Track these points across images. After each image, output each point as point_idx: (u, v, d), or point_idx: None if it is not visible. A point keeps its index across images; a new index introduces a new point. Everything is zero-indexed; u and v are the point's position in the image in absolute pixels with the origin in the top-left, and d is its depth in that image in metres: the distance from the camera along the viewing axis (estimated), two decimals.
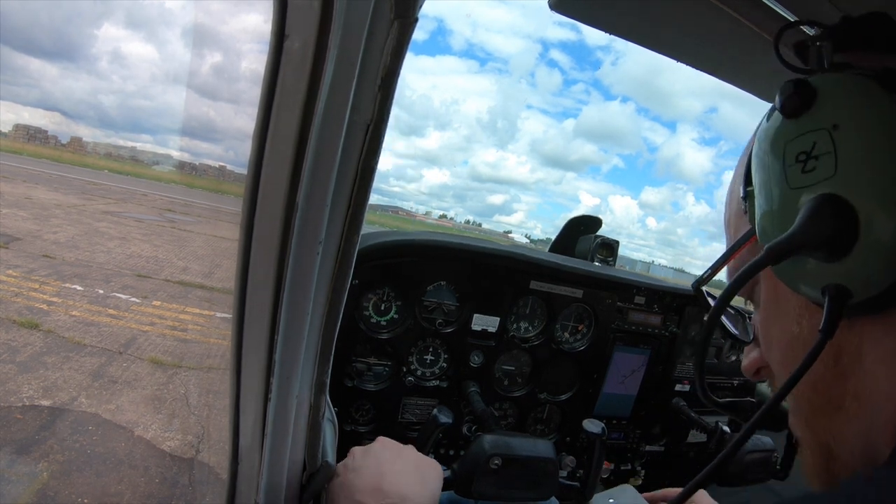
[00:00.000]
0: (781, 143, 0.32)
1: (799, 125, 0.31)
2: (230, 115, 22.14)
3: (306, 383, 0.69)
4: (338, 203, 0.59)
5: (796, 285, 0.34)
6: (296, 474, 0.75)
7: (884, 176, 0.28)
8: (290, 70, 0.51)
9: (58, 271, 5.95)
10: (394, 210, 76.36)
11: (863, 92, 0.30)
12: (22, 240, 7.15)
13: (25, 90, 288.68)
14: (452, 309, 1.21)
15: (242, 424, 0.71)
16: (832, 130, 0.30)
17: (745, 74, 0.74)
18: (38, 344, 3.94)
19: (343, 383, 1.15)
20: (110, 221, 10.67)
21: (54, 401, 3.21)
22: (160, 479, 2.72)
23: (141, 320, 4.89)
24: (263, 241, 0.58)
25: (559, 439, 1.38)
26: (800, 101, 0.31)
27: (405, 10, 0.50)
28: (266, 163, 0.55)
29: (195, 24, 15.07)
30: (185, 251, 8.98)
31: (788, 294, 0.36)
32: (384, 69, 0.53)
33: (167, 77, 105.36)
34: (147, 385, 3.64)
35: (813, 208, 0.30)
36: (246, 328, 0.64)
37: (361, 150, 0.57)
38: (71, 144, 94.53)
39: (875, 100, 0.29)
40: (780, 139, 0.32)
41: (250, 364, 0.66)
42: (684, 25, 0.64)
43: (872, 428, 0.30)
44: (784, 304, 0.38)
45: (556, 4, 0.61)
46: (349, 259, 0.62)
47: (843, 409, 0.35)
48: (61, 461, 2.67)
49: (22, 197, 11.87)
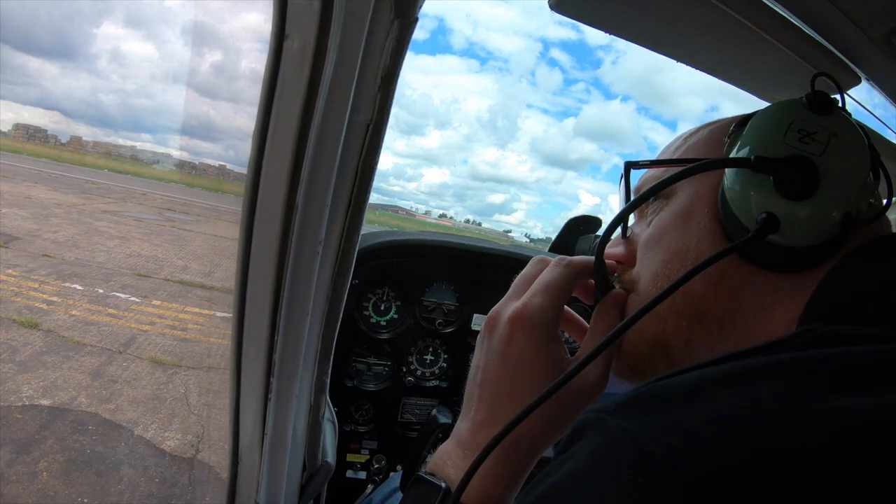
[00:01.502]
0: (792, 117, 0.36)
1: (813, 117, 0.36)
2: (230, 115, 21.94)
3: (306, 383, 0.69)
4: (338, 202, 0.59)
5: (739, 198, 0.36)
6: (296, 474, 0.75)
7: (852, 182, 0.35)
8: (290, 70, 0.51)
9: (57, 270, 5.94)
10: (394, 209, 76.28)
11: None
12: (21, 239, 7.15)
13: (25, 89, 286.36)
14: (452, 309, 1.21)
15: (242, 424, 0.71)
16: (833, 136, 0.35)
17: (745, 74, 0.74)
18: (38, 343, 3.94)
19: (343, 383, 1.15)
20: (110, 221, 10.66)
21: (54, 400, 3.21)
22: (160, 478, 2.71)
23: (141, 319, 4.88)
24: (263, 240, 0.58)
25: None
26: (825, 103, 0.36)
27: (405, 9, 0.50)
28: (266, 162, 0.55)
29: (195, 23, 15.09)
30: (184, 250, 8.98)
31: (702, 213, 0.40)
32: (384, 69, 0.53)
33: (167, 76, 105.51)
34: (147, 384, 3.63)
35: (794, 156, 0.34)
36: (246, 328, 0.64)
37: (361, 149, 0.57)
38: (71, 143, 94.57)
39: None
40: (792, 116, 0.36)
41: (250, 364, 0.66)
42: (684, 25, 0.64)
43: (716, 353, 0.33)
44: (695, 219, 0.41)
45: (556, 4, 0.61)
46: (349, 259, 0.62)
47: (703, 324, 0.40)
48: (61, 461, 2.67)
49: (22, 196, 11.87)
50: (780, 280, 0.37)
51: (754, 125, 0.37)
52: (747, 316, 0.38)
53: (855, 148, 0.35)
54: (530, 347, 0.43)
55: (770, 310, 0.37)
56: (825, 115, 0.35)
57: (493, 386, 0.44)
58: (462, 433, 0.45)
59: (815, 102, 0.36)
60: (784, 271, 0.37)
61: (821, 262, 0.36)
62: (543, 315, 0.43)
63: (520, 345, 0.43)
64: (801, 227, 0.35)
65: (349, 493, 1.18)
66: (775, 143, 0.35)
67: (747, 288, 0.38)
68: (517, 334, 0.43)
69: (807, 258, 0.37)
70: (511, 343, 0.43)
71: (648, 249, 0.44)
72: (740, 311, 0.38)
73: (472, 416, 0.45)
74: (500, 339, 0.44)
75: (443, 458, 0.45)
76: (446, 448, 0.46)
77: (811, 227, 0.35)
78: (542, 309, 0.43)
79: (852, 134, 0.35)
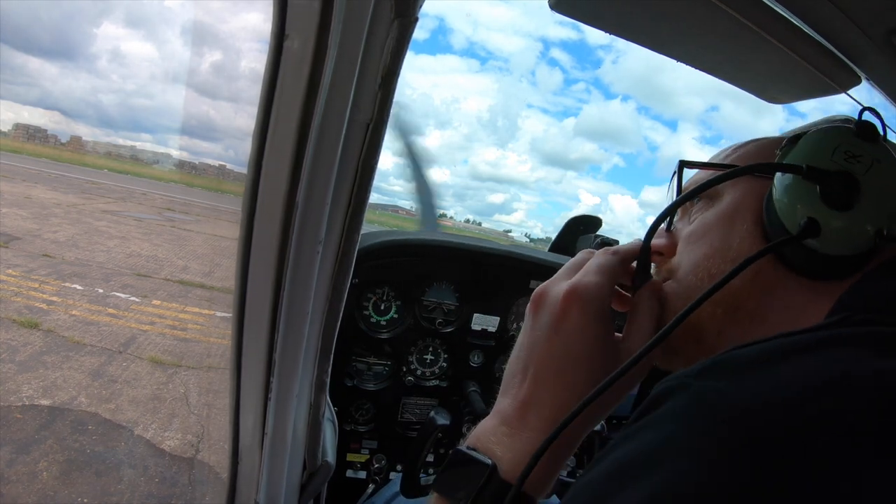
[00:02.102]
0: (841, 140, 0.40)
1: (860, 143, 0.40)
2: (230, 114, 21.90)
3: (306, 383, 0.69)
4: (338, 202, 0.59)
5: (787, 203, 0.40)
6: (296, 474, 0.75)
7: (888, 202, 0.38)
8: (290, 70, 0.51)
9: (57, 270, 5.94)
10: (393, 209, 76.08)
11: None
12: (21, 239, 7.15)
13: (25, 89, 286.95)
14: (452, 308, 1.21)
15: (242, 424, 0.71)
16: (876, 161, 0.39)
17: (745, 74, 0.74)
18: (38, 343, 3.94)
19: (343, 383, 1.15)
20: (110, 220, 10.66)
21: (54, 400, 3.21)
22: (160, 478, 2.71)
23: (141, 319, 4.88)
24: (263, 240, 0.58)
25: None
26: (871, 132, 0.40)
27: (405, 9, 0.50)
28: (266, 162, 0.55)
29: (195, 23, 15.06)
30: (184, 250, 8.97)
31: (746, 216, 0.44)
32: (384, 69, 0.53)
33: (167, 76, 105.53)
34: (147, 384, 3.63)
35: (841, 171, 0.38)
36: (246, 328, 0.64)
37: (361, 149, 0.57)
38: (70, 143, 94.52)
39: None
40: (842, 139, 0.40)
41: (250, 364, 0.66)
42: (684, 25, 0.64)
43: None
44: (738, 221, 0.44)
45: (556, 4, 0.61)
46: (349, 258, 0.62)
47: (736, 315, 0.43)
48: (61, 461, 2.67)
49: (21, 196, 11.86)
50: (811, 286, 0.40)
51: (807, 141, 0.41)
52: (777, 315, 0.41)
53: (893, 174, 0.38)
54: (584, 322, 0.44)
55: (798, 311, 0.40)
56: (870, 143, 0.39)
57: (542, 362, 0.45)
58: (507, 410, 0.45)
59: (862, 130, 0.40)
60: (816, 278, 0.40)
61: (851, 273, 0.40)
62: (600, 290, 0.45)
63: (574, 320, 0.44)
64: (837, 234, 0.38)
65: (349, 493, 1.18)
66: (824, 159, 0.39)
67: (780, 288, 0.41)
68: (572, 309, 0.44)
69: (838, 267, 0.40)
70: (565, 318, 0.44)
71: (691, 243, 0.47)
72: (771, 310, 0.41)
73: (517, 392, 0.45)
74: (552, 314, 0.44)
75: (486, 434, 0.45)
76: (488, 424, 0.46)
77: (847, 237, 0.38)
78: (598, 286, 0.45)
79: (892, 161, 0.39)
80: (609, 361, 0.44)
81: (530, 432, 0.43)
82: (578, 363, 0.43)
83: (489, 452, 0.43)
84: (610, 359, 0.44)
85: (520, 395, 0.45)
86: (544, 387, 0.44)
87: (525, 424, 0.43)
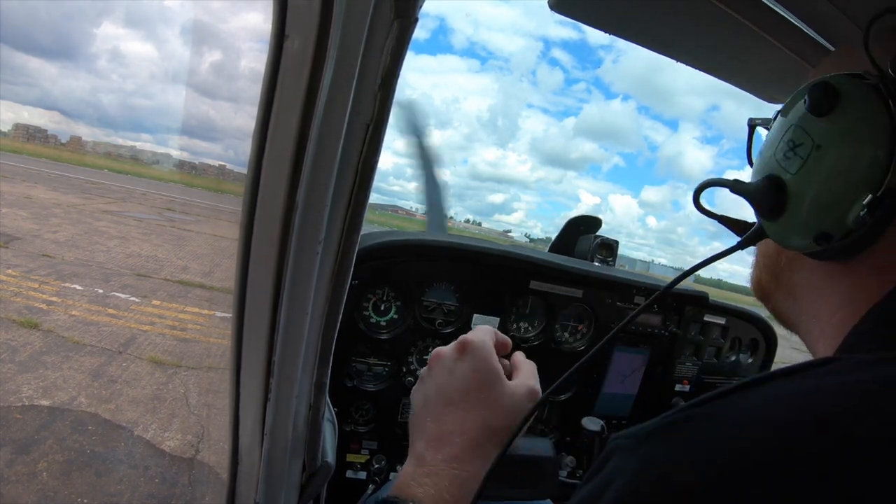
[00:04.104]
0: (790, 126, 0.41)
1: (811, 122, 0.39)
2: (230, 114, 21.83)
3: (306, 383, 0.69)
4: (338, 202, 0.59)
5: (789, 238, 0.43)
6: (295, 475, 0.75)
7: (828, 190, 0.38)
8: (290, 70, 0.51)
9: (57, 270, 5.94)
10: (393, 209, 76.19)
11: None
12: (21, 239, 7.15)
13: (25, 89, 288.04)
14: (452, 309, 1.21)
15: (242, 424, 0.71)
16: (816, 148, 0.38)
17: (745, 74, 0.74)
18: (38, 343, 3.94)
19: (343, 383, 1.15)
20: (110, 220, 10.66)
21: (54, 400, 3.21)
22: (160, 478, 2.71)
23: (140, 319, 4.88)
24: (263, 240, 0.58)
25: (559, 439, 1.38)
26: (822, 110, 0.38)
27: (405, 9, 0.50)
28: (266, 162, 0.55)
29: (195, 23, 15.08)
30: (184, 250, 8.97)
31: None
32: (384, 69, 0.53)
33: (167, 76, 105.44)
34: (147, 384, 3.63)
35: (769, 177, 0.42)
36: (246, 328, 0.64)
37: (361, 149, 0.57)
38: (70, 143, 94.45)
39: None
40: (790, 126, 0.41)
41: (250, 364, 0.66)
42: (684, 25, 0.64)
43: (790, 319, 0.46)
44: None
45: (556, 4, 0.61)
46: (349, 259, 0.62)
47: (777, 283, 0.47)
48: (61, 461, 2.67)
49: (21, 196, 11.86)
50: (825, 267, 0.41)
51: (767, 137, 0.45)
52: (804, 293, 0.44)
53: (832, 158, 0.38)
54: (478, 359, 0.55)
55: (820, 292, 0.42)
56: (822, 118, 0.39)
57: (441, 401, 0.55)
58: (420, 451, 0.52)
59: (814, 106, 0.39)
60: (825, 259, 0.41)
61: (859, 249, 0.38)
62: (484, 342, 0.58)
63: (469, 359, 0.56)
64: (780, 238, 0.41)
65: (349, 494, 1.17)
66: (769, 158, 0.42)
67: (805, 269, 0.43)
68: (466, 350, 0.56)
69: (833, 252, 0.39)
70: (461, 358, 0.56)
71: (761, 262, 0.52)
72: (799, 288, 0.44)
73: (426, 435, 0.53)
74: (451, 359, 0.57)
75: (405, 480, 0.50)
76: (407, 470, 0.52)
77: (788, 238, 0.41)
78: (482, 339, 0.58)
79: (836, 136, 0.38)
80: (497, 392, 0.54)
81: (446, 465, 0.49)
82: (470, 388, 0.54)
83: (411, 496, 0.48)
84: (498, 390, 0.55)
85: (429, 435, 0.53)
86: (442, 420, 0.53)
87: (439, 461, 0.50)
